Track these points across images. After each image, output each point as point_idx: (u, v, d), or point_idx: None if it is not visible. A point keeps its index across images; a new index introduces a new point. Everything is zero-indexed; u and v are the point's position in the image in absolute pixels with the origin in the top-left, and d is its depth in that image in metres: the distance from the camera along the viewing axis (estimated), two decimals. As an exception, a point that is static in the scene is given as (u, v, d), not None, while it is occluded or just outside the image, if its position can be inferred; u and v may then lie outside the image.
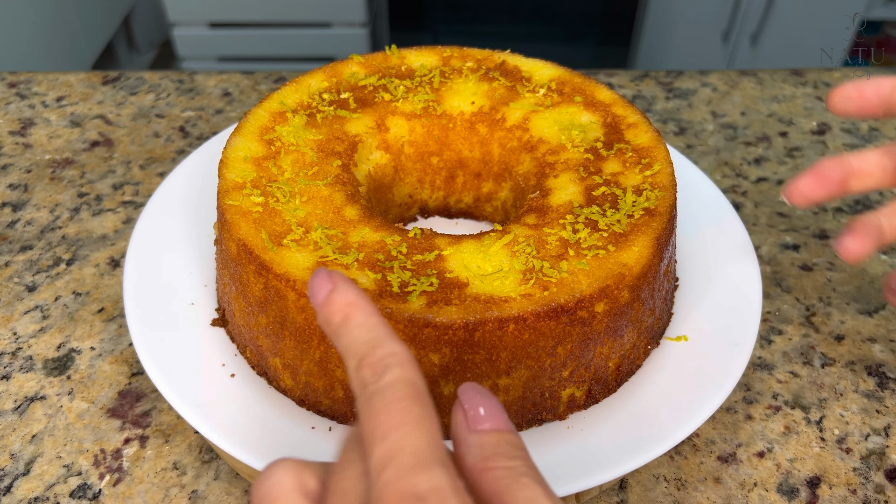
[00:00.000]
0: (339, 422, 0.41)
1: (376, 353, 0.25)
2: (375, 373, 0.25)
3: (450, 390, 0.38)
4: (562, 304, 0.37)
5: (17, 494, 0.45)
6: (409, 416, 0.23)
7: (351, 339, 0.26)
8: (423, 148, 0.52)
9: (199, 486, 0.45)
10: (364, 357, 0.25)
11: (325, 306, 0.28)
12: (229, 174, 0.44)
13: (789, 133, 0.78)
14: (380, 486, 0.22)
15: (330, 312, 0.27)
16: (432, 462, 0.23)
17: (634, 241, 0.41)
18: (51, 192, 0.68)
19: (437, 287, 0.38)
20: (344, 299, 0.27)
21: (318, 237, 0.40)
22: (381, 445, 0.23)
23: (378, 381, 0.25)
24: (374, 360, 0.25)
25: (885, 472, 0.47)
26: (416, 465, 0.22)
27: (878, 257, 0.62)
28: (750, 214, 0.67)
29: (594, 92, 0.52)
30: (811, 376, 0.52)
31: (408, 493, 0.22)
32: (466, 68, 0.55)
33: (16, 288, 0.58)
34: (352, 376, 0.26)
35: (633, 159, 0.47)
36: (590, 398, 0.42)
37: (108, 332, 0.54)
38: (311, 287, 0.29)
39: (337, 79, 0.53)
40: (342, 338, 0.27)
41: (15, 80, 0.85)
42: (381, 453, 0.23)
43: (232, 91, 0.82)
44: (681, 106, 0.81)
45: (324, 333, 0.38)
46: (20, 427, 0.48)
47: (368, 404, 0.24)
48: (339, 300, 0.27)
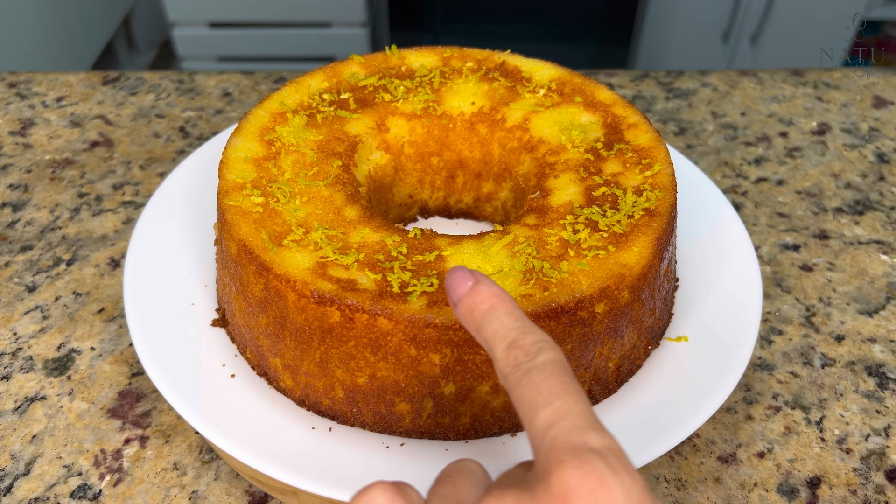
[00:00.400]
0: (339, 422, 0.41)
1: (528, 338, 0.27)
2: (529, 354, 0.27)
3: (450, 390, 0.38)
4: (562, 304, 0.37)
5: (18, 495, 0.45)
6: (571, 388, 0.25)
7: (499, 325, 0.28)
8: (423, 148, 0.52)
9: (199, 487, 0.45)
10: (515, 340, 0.28)
11: (470, 296, 0.30)
12: (229, 174, 0.44)
13: (789, 133, 0.78)
14: (548, 441, 0.24)
15: (476, 302, 0.30)
16: (599, 426, 0.24)
17: (635, 241, 0.41)
18: (51, 192, 0.68)
19: (437, 287, 0.38)
20: (490, 290, 0.30)
21: (318, 237, 0.40)
22: (545, 410, 0.25)
23: (533, 360, 0.26)
24: (526, 343, 0.27)
25: (885, 472, 0.47)
26: (586, 426, 0.24)
27: (878, 257, 0.63)
28: (750, 214, 0.67)
29: (594, 92, 0.52)
30: (811, 376, 0.52)
31: (580, 446, 0.23)
32: (466, 69, 0.55)
33: (16, 288, 0.58)
34: (500, 357, 0.28)
35: (633, 160, 0.47)
36: (590, 398, 0.42)
37: (108, 332, 0.54)
38: (452, 280, 0.31)
39: (337, 79, 0.53)
40: (490, 324, 0.29)
41: (15, 80, 0.85)
42: (546, 416, 0.24)
43: (232, 91, 0.82)
44: (681, 106, 0.81)
45: (324, 334, 0.38)
46: (20, 427, 0.48)
47: (526, 378, 0.26)
48: (484, 291, 0.30)
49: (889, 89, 0.85)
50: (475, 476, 0.28)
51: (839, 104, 0.82)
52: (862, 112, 0.81)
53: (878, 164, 0.74)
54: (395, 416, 0.40)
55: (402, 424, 0.40)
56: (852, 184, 0.71)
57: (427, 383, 0.38)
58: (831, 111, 0.81)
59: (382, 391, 0.39)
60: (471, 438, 0.41)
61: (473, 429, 0.40)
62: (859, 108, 0.82)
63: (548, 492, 0.22)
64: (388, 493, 0.27)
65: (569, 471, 0.22)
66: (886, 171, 0.73)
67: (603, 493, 0.22)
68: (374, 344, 0.37)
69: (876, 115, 0.81)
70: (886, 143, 0.76)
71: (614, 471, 0.22)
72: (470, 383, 0.38)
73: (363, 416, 0.40)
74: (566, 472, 0.22)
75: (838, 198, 0.69)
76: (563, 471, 0.22)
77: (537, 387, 0.25)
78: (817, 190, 0.70)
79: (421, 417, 0.40)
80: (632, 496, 0.22)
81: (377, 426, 0.41)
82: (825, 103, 0.82)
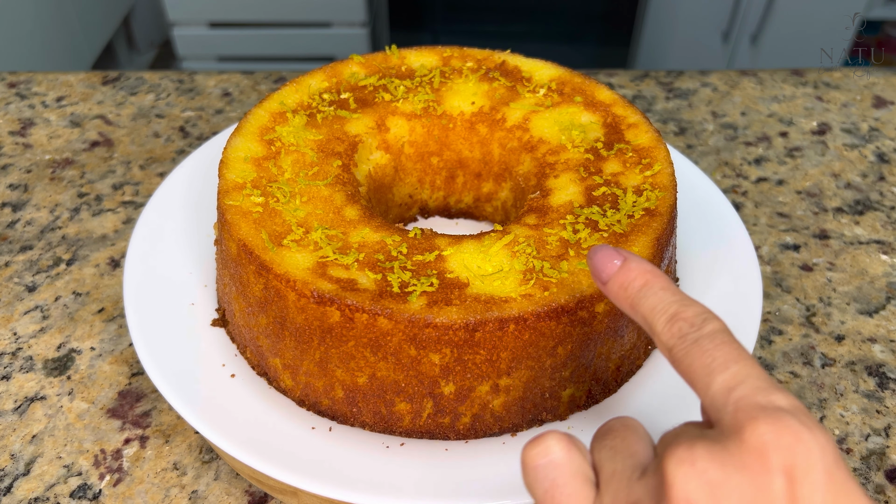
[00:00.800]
0: (339, 422, 0.41)
1: (689, 310, 0.28)
2: (694, 325, 0.27)
3: (450, 390, 0.38)
4: (562, 304, 0.37)
5: (18, 495, 0.44)
6: (744, 354, 0.26)
7: (658, 299, 0.29)
8: (423, 148, 0.52)
9: (199, 487, 0.45)
10: (677, 313, 0.28)
11: (622, 274, 0.30)
12: (229, 174, 0.44)
13: (789, 133, 0.78)
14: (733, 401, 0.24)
15: (628, 279, 0.30)
16: (782, 388, 0.24)
17: (635, 241, 0.41)
18: (51, 192, 0.68)
19: (437, 287, 0.38)
20: (641, 267, 0.30)
21: (318, 237, 0.40)
22: (723, 374, 0.25)
23: (700, 329, 0.27)
24: (688, 315, 0.28)
25: (886, 472, 0.47)
26: (769, 387, 0.24)
27: (878, 257, 0.63)
28: (750, 214, 0.67)
29: (594, 92, 0.52)
30: (811, 376, 0.52)
31: (767, 405, 0.23)
32: (466, 68, 0.55)
33: (16, 288, 0.58)
34: (662, 331, 0.28)
35: (633, 159, 0.46)
36: (590, 398, 0.42)
37: (108, 332, 0.54)
38: (598, 259, 0.31)
39: (337, 79, 0.53)
40: (646, 300, 0.29)
41: (15, 80, 0.85)
42: (726, 379, 0.25)
43: (232, 91, 0.82)
44: (681, 106, 0.81)
45: (324, 334, 0.38)
46: (20, 427, 0.48)
47: (696, 346, 0.26)
48: (637, 268, 0.30)
49: (889, 89, 0.85)
50: (640, 432, 0.29)
51: (839, 104, 0.82)
52: (862, 112, 0.81)
53: (878, 164, 0.74)
54: (394, 416, 0.40)
55: (402, 424, 0.40)
56: (852, 184, 0.71)
57: (427, 383, 0.38)
58: (831, 111, 0.81)
59: (382, 391, 0.39)
60: (471, 438, 0.41)
61: (473, 429, 0.40)
62: (859, 108, 0.82)
63: (742, 446, 0.23)
64: (563, 441, 0.27)
65: (763, 426, 0.23)
66: (886, 171, 0.73)
67: (800, 448, 0.22)
68: (374, 344, 0.37)
69: (876, 115, 0.81)
70: (886, 143, 0.76)
71: (809, 427, 0.23)
72: (470, 383, 0.38)
73: (363, 416, 0.40)
74: (760, 428, 0.23)
75: (838, 198, 0.69)
76: (757, 426, 0.23)
77: (710, 353, 0.26)
78: (817, 190, 0.70)
79: (421, 417, 0.40)
80: (827, 452, 0.22)
81: (377, 426, 0.41)
82: (825, 103, 0.82)
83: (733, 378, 0.25)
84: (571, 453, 0.27)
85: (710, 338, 0.26)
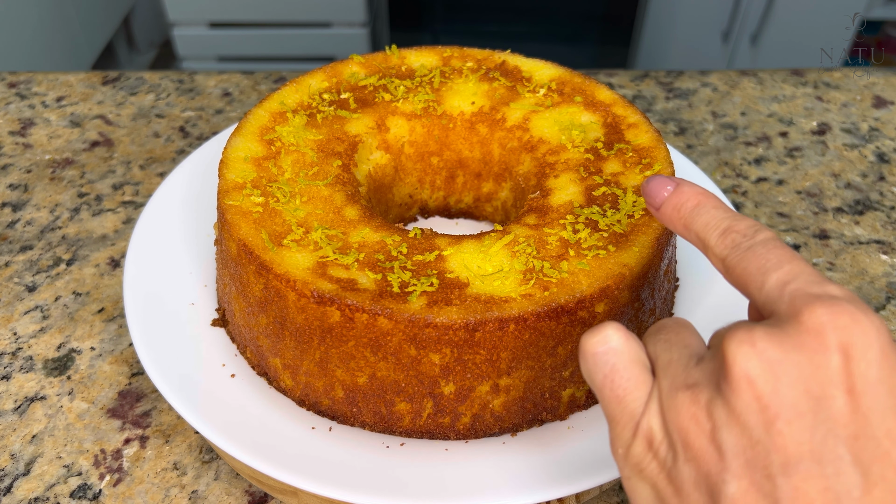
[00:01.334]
0: (340, 422, 0.41)
1: (741, 223, 0.29)
2: (747, 235, 0.28)
3: (450, 390, 0.38)
4: (562, 304, 0.37)
5: (18, 494, 0.44)
6: (797, 255, 0.27)
7: (710, 216, 0.30)
8: (423, 148, 0.52)
9: (199, 486, 0.45)
10: (730, 227, 0.29)
11: (675, 196, 0.31)
12: (229, 174, 0.44)
13: (789, 133, 0.78)
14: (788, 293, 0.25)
15: (681, 201, 0.31)
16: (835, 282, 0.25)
17: (635, 241, 0.41)
18: (51, 192, 0.68)
19: (437, 287, 0.38)
20: (694, 189, 0.31)
21: (318, 237, 0.40)
22: (777, 272, 0.26)
23: (752, 238, 0.28)
24: (741, 227, 0.29)
25: (886, 472, 0.46)
26: (823, 280, 0.25)
27: (878, 257, 0.62)
28: (750, 214, 0.67)
29: (594, 92, 0.52)
30: (811, 376, 0.52)
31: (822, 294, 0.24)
32: (466, 68, 0.55)
33: (16, 288, 0.58)
34: (716, 243, 0.29)
35: (633, 159, 0.46)
36: (590, 398, 0.42)
37: (108, 332, 0.54)
38: (652, 187, 0.32)
39: (337, 79, 0.53)
40: (700, 217, 0.30)
41: (15, 80, 0.85)
42: (781, 275, 0.26)
43: (232, 91, 0.82)
44: (681, 106, 0.81)
45: (324, 334, 0.38)
46: (20, 427, 0.48)
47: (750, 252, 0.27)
48: (689, 191, 0.31)
49: (889, 89, 0.85)
50: (691, 328, 0.29)
51: (839, 104, 0.82)
52: (862, 112, 0.81)
53: (878, 164, 0.74)
54: (395, 415, 0.40)
55: (402, 424, 0.40)
56: (852, 184, 0.71)
57: (427, 383, 0.38)
58: (831, 111, 0.81)
59: (382, 391, 0.39)
60: (471, 438, 0.41)
61: (473, 429, 0.40)
62: (859, 108, 0.82)
63: (799, 328, 0.24)
64: (622, 330, 0.28)
65: (819, 309, 0.24)
66: (886, 171, 0.73)
67: (857, 329, 0.23)
68: (374, 344, 0.37)
69: (876, 115, 0.81)
70: (886, 143, 0.76)
71: (864, 311, 0.24)
72: (470, 383, 0.38)
73: (363, 416, 0.40)
74: (817, 310, 0.24)
75: (838, 198, 0.69)
76: (814, 309, 0.24)
77: (764, 256, 0.27)
78: (817, 190, 0.70)
79: (421, 417, 0.40)
80: (882, 332, 0.23)
81: (377, 426, 0.41)
82: (825, 103, 0.82)
83: (787, 274, 0.26)
84: (630, 342, 0.28)
85: (763, 244, 0.27)
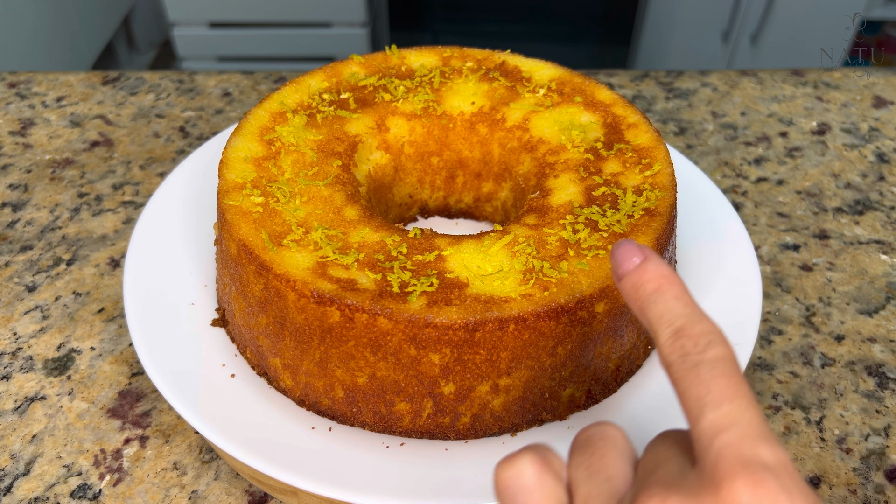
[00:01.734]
0: (339, 422, 0.41)
1: (697, 327, 0.26)
2: (698, 345, 0.25)
3: (450, 390, 0.38)
4: (562, 304, 0.37)
5: (18, 494, 0.45)
6: (741, 391, 0.24)
7: (666, 308, 0.27)
8: (423, 148, 0.52)
9: (199, 486, 0.45)
10: (683, 328, 0.26)
11: (636, 274, 0.28)
12: (229, 174, 0.44)
13: (789, 133, 0.78)
14: (716, 448, 0.23)
15: (643, 280, 0.28)
16: (772, 438, 0.23)
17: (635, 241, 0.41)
18: (51, 192, 0.68)
19: (437, 287, 0.38)
20: (659, 271, 0.28)
21: (318, 237, 0.40)
22: (714, 412, 0.23)
23: (703, 353, 0.25)
24: (695, 332, 0.26)
25: (885, 472, 0.47)
26: (758, 437, 0.23)
27: (878, 257, 0.63)
28: (750, 214, 0.67)
29: (594, 92, 0.52)
30: (811, 376, 0.52)
31: (752, 460, 0.22)
32: (466, 68, 0.55)
33: (16, 288, 0.58)
34: (664, 344, 0.26)
35: (633, 159, 0.47)
36: (590, 398, 0.42)
37: (108, 332, 0.54)
38: (619, 254, 0.29)
39: (337, 79, 0.53)
40: (655, 305, 0.27)
41: (15, 80, 0.85)
42: (715, 419, 0.23)
43: (232, 91, 0.82)
44: (681, 106, 0.81)
45: (324, 334, 0.38)
46: (20, 427, 0.48)
47: (694, 372, 0.25)
48: (653, 270, 0.28)
49: (889, 89, 0.85)
50: (619, 446, 0.27)
51: (839, 104, 0.82)
52: (862, 112, 0.81)
53: (878, 164, 0.74)
54: (394, 415, 0.40)
55: (402, 424, 0.40)
56: (852, 184, 0.71)
57: (427, 383, 0.38)
58: (831, 111, 0.81)
59: (382, 391, 0.39)
60: (471, 438, 0.41)
61: (473, 429, 0.40)
62: (859, 108, 0.82)
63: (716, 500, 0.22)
64: (537, 464, 0.26)
65: (741, 486, 0.22)
66: (886, 171, 0.73)
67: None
68: (373, 344, 0.37)
69: (876, 115, 0.81)
70: (886, 143, 0.76)
71: (788, 492, 0.22)
72: (470, 383, 0.38)
73: (363, 416, 0.40)
74: (738, 488, 0.22)
75: (838, 198, 0.69)
76: (734, 485, 0.22)
77: (706, 385, 0.24)
78: (817, 190, 0.70)
79: (421, 417, 0.40)
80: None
81: (377, 426, 0.41)
82: (825, 103, 0.82)
83: (723, 419, 0.23)
84: (543, 478, 0.26)
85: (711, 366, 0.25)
